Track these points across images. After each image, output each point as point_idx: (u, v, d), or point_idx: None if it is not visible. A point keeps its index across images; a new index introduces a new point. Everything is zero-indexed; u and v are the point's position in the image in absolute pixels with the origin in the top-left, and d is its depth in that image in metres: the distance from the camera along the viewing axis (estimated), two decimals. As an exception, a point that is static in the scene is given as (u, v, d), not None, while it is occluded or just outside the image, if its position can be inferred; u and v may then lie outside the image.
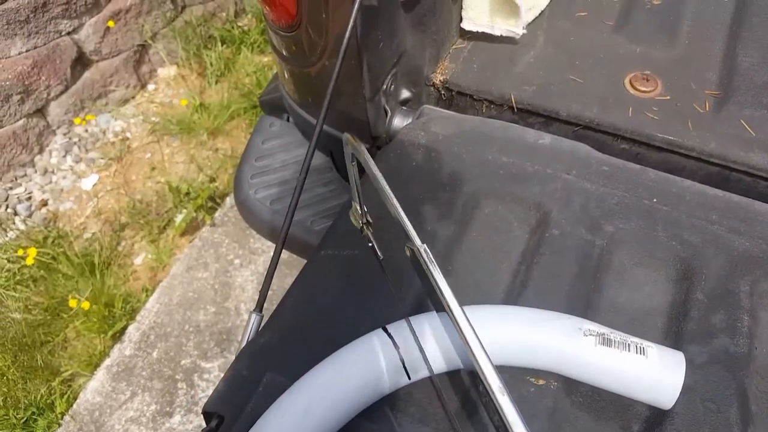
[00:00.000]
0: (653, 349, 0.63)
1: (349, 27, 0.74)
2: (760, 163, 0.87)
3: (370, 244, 0.67)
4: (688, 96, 0.96)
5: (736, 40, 1.04)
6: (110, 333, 1.89)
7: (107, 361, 1.86)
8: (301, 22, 0.87)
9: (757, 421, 0.63)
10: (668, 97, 0.96)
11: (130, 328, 1.93)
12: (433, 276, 0.56)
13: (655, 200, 0.82)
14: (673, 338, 0.69)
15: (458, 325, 0.55)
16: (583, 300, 0.73)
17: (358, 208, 0.67)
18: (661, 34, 1.07)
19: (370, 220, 0.67)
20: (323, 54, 0.89)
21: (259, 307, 0.74)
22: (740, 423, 0.62)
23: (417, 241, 0.58)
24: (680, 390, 0.61)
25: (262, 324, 0.73)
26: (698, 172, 0.91)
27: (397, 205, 0.58)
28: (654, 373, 0.62)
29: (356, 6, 0.75)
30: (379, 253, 0.67)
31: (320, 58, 0.90)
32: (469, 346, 0.54)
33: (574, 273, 0.75)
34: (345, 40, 0.75)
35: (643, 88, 0.97)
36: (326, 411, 0.59)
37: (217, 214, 2.19)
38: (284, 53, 0.98)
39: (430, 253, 0.57)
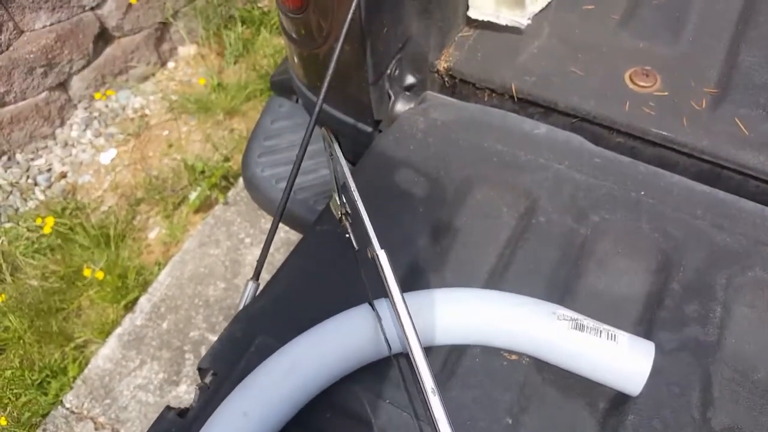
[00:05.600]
0: (624, 337, 0.65)
1: (351, 10, 0.77)
2: (751, 163, 0.88)
3: (347, 235, 0.70)
4: (686, 93, 0.97)
5: (740, 38, 1.05)
6: (123, 303, 1.95)
7: (119, 330, 1.92)
8: (309, 5, 0.90)
9: (717, 405, 0.66)
10: (666, 93, 0.97)
11: (142, 299, 1.99)
12: (387, 283, 0.59)
13: (642, 193, 0.84)
14: (646, 325, 0.72)
15: (408, 339, 0.57)
16: (562, 284, 0.76)
17: (337, 199, 0.70)
18: (666, 31, 1.08)
19: (349, 211, 0.70)
20: (329, 37, 0.92)
21: (256, 275, 0.78)
22: (701, 406, 0.65)
23: (376, 245, 0.61)
24: (647, 378, 0.63)
25: (258, 291, 0.77)
26: (691, 168, 0.93)
27: (363, 209, 0.61)
28: (622, 361, 0.64)
29: None
30: (355, 245, 0.70)
31: (326, 40, 0.93)
32: (413, 356, 0.56)
33: (556, 259, 0.78)
34: (346, 24, 0.78)
35: (642, 84, 0.98)
36: (309, 372, 0.63)
37: (230, 193, 2.24)
38: (293, 35, 1.01)
39: (386, 259, 0.60)
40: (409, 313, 0.58)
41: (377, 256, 0.61)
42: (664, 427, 0.64)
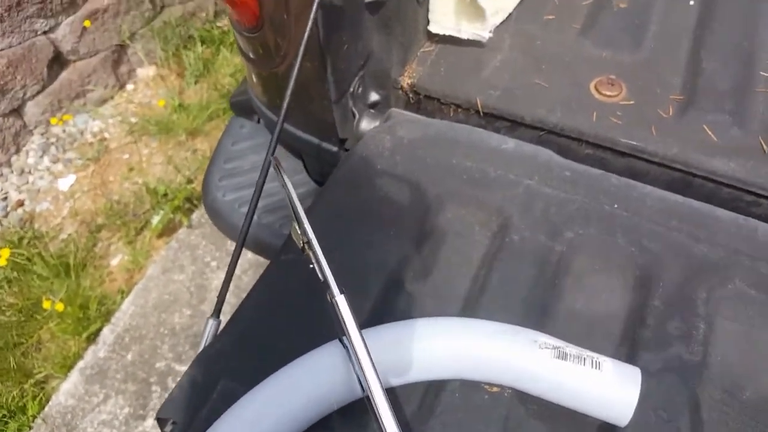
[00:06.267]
0: (609, 364, 0.62)
1: (308, 28, 0.74)
2: (722, 169, 0.87)
3: (311, 266, 0.65)
4: (652, 100, 0.96)
5: (700, 44, 1.05)
6: (84, 335, 1.87)
7: (81, 363, 1.84)
8: (265, 23, 0.86)
9: (707, 428, 0.63)
10: (632, 102, 0.96)
11: (105, 330, 1.91)
12: (346, 327, 0.55)
13: (615, 206, 0.82)
14: (628, 345, 0.69)
15: (370, 387, 0.52)
16: (540, 306, 0.73)
17: (297, 228, 0.65)
18: (628, 38, 1.07)
19: (311, 240, 0.66)
20: (287, 55, 0.89)
21: (217, 312, 0.74)
22: (690, 431, 0.62)
23: (335, 288, 0.56)
24: (635, 407, 0.60)
25: (219, 329, 0.73)
26: (661, 177, 0.92)
27: (316, 245, 0.57)
28: (609, 391, 0.61)
29: (315, 6, 0.74)
30: (320, 276, 0.65)
31: (284, 59, 0.90)
32: (374, 400, 0.51)
33: (532, 279, 0.75)
34: (304, 42, 0.74)
35: (608, 93, 0.97)
36: (277, 421, 0.59)
37: (194, 216, 2.18)
38: (250, 55, 0.97)
39: (346, 303, 0.56)
40: (371, 359, 0.53)
41: (336, 302, 0.57)
42: None
